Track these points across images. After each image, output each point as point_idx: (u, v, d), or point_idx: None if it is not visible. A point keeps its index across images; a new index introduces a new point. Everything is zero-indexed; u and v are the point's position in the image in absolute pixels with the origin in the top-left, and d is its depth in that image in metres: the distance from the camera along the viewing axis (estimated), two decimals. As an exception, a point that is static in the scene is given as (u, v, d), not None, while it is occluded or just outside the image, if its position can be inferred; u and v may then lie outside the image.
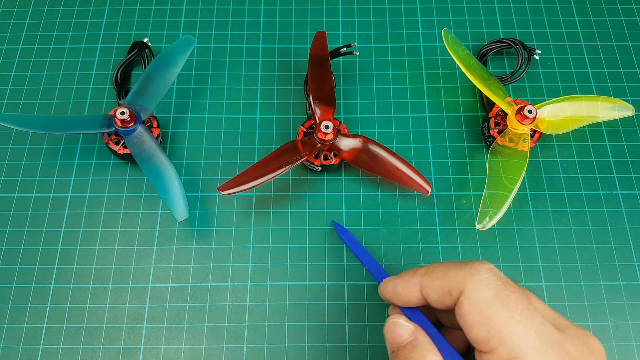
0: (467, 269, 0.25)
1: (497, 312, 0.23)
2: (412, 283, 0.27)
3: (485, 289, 0.24)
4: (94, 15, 0.48)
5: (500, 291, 0.24)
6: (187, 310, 0.38)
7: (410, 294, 0.27)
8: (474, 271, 0.25)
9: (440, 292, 0.26)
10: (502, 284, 0.24)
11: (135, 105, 0.40)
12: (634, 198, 0.41)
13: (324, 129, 0.38)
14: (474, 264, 0.25)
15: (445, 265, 0.26)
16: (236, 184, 0.38)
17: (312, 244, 0.40)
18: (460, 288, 0.25)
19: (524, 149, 0.39)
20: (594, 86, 0.45)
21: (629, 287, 0.38)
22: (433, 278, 0.26)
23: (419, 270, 0.27)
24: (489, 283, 0.24)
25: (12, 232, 0.40)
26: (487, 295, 0.24)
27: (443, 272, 0.26)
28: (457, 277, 0.25)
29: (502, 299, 0.24)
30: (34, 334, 0.37)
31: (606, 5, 0.49)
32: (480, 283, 0.24)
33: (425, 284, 0.26)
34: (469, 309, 0.24)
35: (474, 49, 0.47)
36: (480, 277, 0.25)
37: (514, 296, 0.24)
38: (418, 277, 0.27)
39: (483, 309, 0.24)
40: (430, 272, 0.27)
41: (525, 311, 0.24)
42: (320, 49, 0.42)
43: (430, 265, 0.27)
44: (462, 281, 0.25)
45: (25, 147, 0.43)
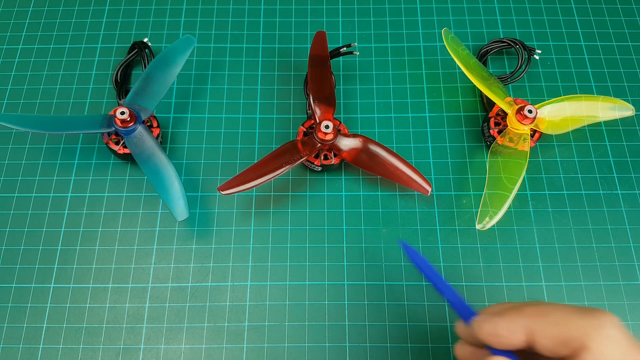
0: (591, 320, 0.22)
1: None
2: (518, 325, 0.24)
3: (614, 348, 0.22)
4: (94, 15, 0.48)
5: (630, 351, 0.22)
6: (187, 310, 0.38)
7: (513, 338, 0.24)
8: (600, 323, 0.22)
9: (554, 341, 0.23)
10: (630, 345, 0.22)
11: (135, 105, 0.40)
12: (634, 198, 0.41)
13: (324, 129, 0.38)
14: (597, 314, 0.23)
15: (562, 311, 0.23)
16: (236, 184, 0.38)
17: (312, 244, 0.40)
18: (582, 341, 0.22)
19: (524, 149, 0.39)
20: (594, 86, 0.45)
21: (629, 287, 0.38)
22: (548, 324, 0.23)
23: (524, 309, 0.24)
24: (618, 341, 0.22)
25: (12, 232, 0.40)
26: (617, 355, 0.22)
27: (561, 318, 0.23)
28: (579, 328, 0.22)
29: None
30: (34, 334, 0.37)
31: (606, 5, 0.49)
32: (608, 340, 0.22)
33: (537, 330, 0.23)
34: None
35: (474, 49, 0.47)
36: (607, 332, 0.22)
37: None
38: (526, 320, 0.24)
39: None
40: (544, 316, 0.23)
41: None
42: (320, 49, 0.42)
43: (541, 306, 0.24)
44: (586, 334, 0.22)
45: (25, 147, 0.43)
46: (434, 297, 0.38)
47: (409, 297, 0.38)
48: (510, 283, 0.38)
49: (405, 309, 0.38)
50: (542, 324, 0.23)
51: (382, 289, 0.38)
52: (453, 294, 0.29)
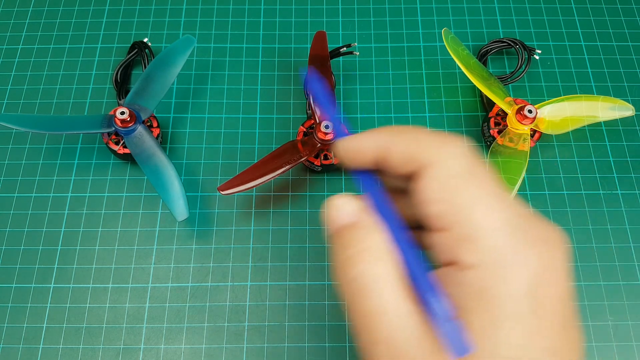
0: (439, 138, 0.22)
1: (464, 189, 0.21)
2: (375, 140, 0.23)
3: (458, 161, 0.21)
4: (94, 15, 0.48)
5: (474, 168, 0.21)
6: (187, 310, 0.38)
7: (369, 152, 0.23)
8: (446, 140, 0.22)
9: (403, 156, 0.22)
10: (473, 159, 0.21)
11: (135, 105, 0.40)
12: (634, 198, 0.41)
13: (324, 129, 0.38)
14: (445, 135, 0.22)
15: (416, 129, 0.23)
16: (236, 184, 0.38)
17: (312, 244, 0.40)
18: (427, 156, 0.21)
19: (524, 149, 0.39)
20: (594, 86, 0.45)
21: (629, 287, 0.38)
22: (399, 140, 0.23)
23: (385, 128, 0.24)
24: (459, 155, 0.21)
25: (12, 232, 0.40)
26: (458, 170, 0.21)
27: (412, 135, 0.23)
28: (427, 144, 0.22)
29: (474, 175, 0.21)
30: (34, 334, 0.37)
31: (606, 5, 0.49)
32: (451, 155, 0.21)
33: (391, 144, 0.23)
34: (433, 180, 0.21)
35: (474, 49, 0.47)
36: (452, 149, 0.21)
37: (483, 174, 0.21)
38: (381, 136, 0.23)
39: (449, 184, 0.21)
40: (398, 134, 0.23)
41: (496, 190, 0.21)
42: (320, 49, 0.42)
43: (400, 126, 0.24)
44: (432, 149, 0.22)
45: (25, 147, 0.43)
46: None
47: (409, 297, 0.38)
48: (510, 283, 0.38)
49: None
50: (396, 139, 0.23)
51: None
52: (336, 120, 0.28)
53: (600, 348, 0.37)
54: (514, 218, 0.20)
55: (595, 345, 0.37)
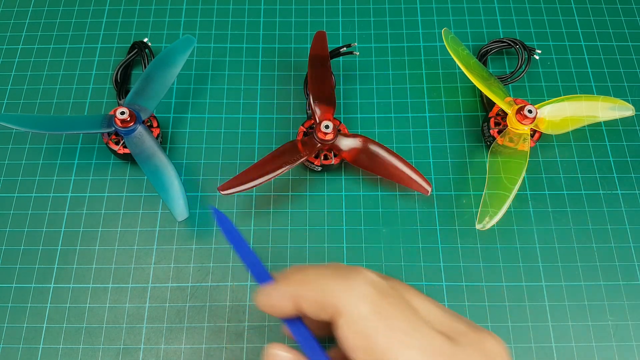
0: (343, 282, 0.22)
1: (377, 332, 0.21)
2: (286, 294, 0.24)
3: (362, 305, 0.21)
4: (94, 15, 0.48)
5: (379, 307, 0.21)
6: (187, 310, 0.38)
7: (285, 307, 0.24)
8: (350, 284, 0.22)
9: (315, 307, 0.23)
10: (380, 297, 0.22)
11: (135, 105, 0.40)
12: (634, 198, 0.41)
13: (324, 129, 0.38)
14: (350, 274, 0.23)
15: (321, 275, 0.24)
16: (236, 184, 0.38)
17: (312, 244, 0.40)
18: (335, 305, 0.22)
19: (524, 149, 0.39)
20: (594, 86, 0.45)
21: (629, 287, 0.38)
22: (307, 290, 0.23)
23: (294, 276, 0.25)
24: (365, 297, 0.22)
25: (12, 232, 0.40)
26: (366, 313, 0.21)
27: (318, 284, 0.23)
28: (332, 292, 0.22)
29: (380, 315, 0.21)
30: (34, 334, 0.37)
31: (606, 5, 0.49)
32: (357, 298, 0.22)
33: (300, 296, 0.24)
34: (347, 330, 0.22)
35: (474, 49, 0.47)
36: (357, 292, 0.22)
37: (393, 309, 0.21)
38: (292, 288, 0.24)
39: (362, 329, 0.21)
40: (306, 283, 0.24)
41: (408, 326, 0.21)
42: (320, 49, 0.42)
43: (309, 270, 0.24)
44: (339, 296, 0.22)
45: (25, 147, 0.43)
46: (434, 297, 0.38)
47: (409, 297, 0.38)
48: (510, 283, 0.38)
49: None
50: (304, 290, 0.24)
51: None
52: (255, 263, 0.28)
53: (600, 348, 0.37)
54: (437, 348, 0.21)
55: (595, 345, 0.37)
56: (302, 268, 0.26)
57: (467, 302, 0.38)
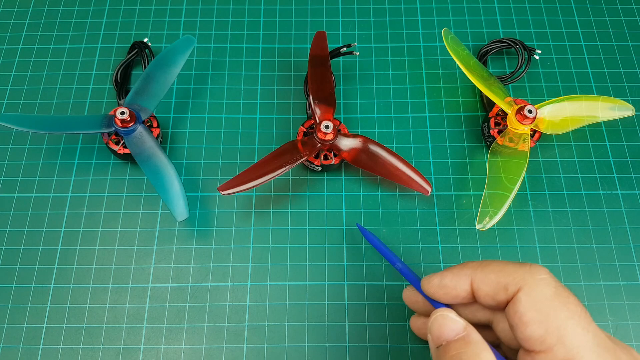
0: (527, 267, 0.25)
1: (557, 311, 0.24)
2: (462, 275, 0.27)
3: (546, 287, 0.24)
4: (94, 15, 0.48)
5: (560, 291, 0.24)
6: (187, 310, 0.38)
7: (459, 287, 0.27)
8: (534, 270, 0.25)
9: (494, 286, 0.25)
10: (560, 285, 0.25)
11: (135, 105, 0.40)
12: (634, 198, 0.41)
13: (324, 129, 0.38)
14: (532, 265, 0.25)
15: (501, 262, 0.26)
16: (236, 184, 0.38)
17: (312, 244, 0.40)
18: (518, 284, 0.25)
19: (524, 149, 0.39)
20: (594, 86, 0.45)
21: (629, 287, 0.38)
22: (488, 271, 0.26)
23: (469, 264, 0.27)
24: (549, 283, 0.25)
25: (12, 232, 0.40)
26: (548, 294, 0.24)
27: (500, 267, 0.26)
28: (515, 273, 0.25)
29: (562, 299, 0.24)
30: (34, 334, 0.37)
31: (606, 5, 0.49)
32: (541, 282, 0.24)
33: (479, 277, 0.26)
34: (527, 305, 0.24)
35: (474, 49, 0.47)
36: (540, 276, 0.25)
37: (573, 298, 0.24)
38: (470, 270, 0.27)
39: (542, 307, 0.24)
40: (485, 266, 0.26)
41: (584, 314, 0.24)
42: (320, 49, 0.42)
43: (483, 261, 0.27)
44: (522, 277, 0.25)
45: (25, 147, 0.43)
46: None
47: (409, 297, 0.38)
48: (510, 283, 0.38)
49: (405, 309, 0.38)
50: (483, 272, 0.26)
51: (382, 289, 0.38)
52: (404, 265, 0.32)
53: (600, 348, 0.37)
54: (604, 339, 0.24)
55: (595, 345, 0.37)
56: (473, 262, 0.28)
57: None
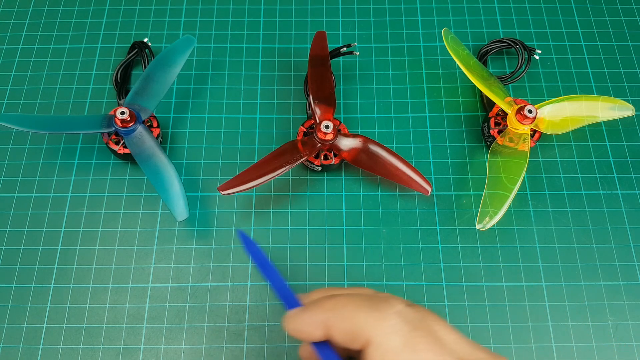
0: (375, 313, 0.24)
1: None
2: (316, 321, 0.25)
3: (393, 337, 0.23)
4: (94, 15, 0.48)
5: (408, 339, 0.23)
6: (187, 310, 0.38)
7: (314, 333, 0.25)
8: (382, 315, 0.23)
9: (346, 336, 0.24)
10: (410, 330, 0.23)
11: (135, 105, 0.40)
12: (634, 198, 0.41)
13: (324, 128, 0.38)
14: (382, 306, 0.24)
15: (354, 305, 0.25)
16: (236, 184, 0.38)
17: (312, 244, 0.40)
18: (367, 336, 0.23)
19: (524, 149, 0.39)
20: (594, 86, 0.45)
21: (629, 287, 0.38)
22: (340, 319, 0.24)
23: (324, 303, 0.25)
24: (397, 331, 0.23)
25: (12, 232, 0.40)
26: (396, 345, 0.23)
27: (352, 312, 0.24)
28: (365, 323, 0.23)
29: (410, 348, 0.23)
30: (34, 334, 0.37)
31: (606, 5, 0.49)
32: (388, 331, 0.23)
33: (331, 324, 0.24)
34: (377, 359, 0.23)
35: (474, 49, 0.47)
36: (388, 323, 0.23)
37: (423, 343, 0.23)
38: (323, 314, 0.25)
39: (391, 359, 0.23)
40: (338, 310, 0.25)
41: (434, 358, 0.23)
42: (320, 48, 0.42)
43: (340, 299, 0.25)
44: (371, 328, 0.23)
45: (25, 147, 0.43)
46: (432, 297, 0.38)
47: (409, 297, 0.38)
48: (510, 283, 0.38)
49: (405, 309, 0.38)
50: (335, 318, 0.24)
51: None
52: (282, 286, 0.29)
53: (600, 348, 0.37)
54: None
55: (595, 345, 0.37)
56: (332, 294, 0.27)
57: (467, 302, 0.38)
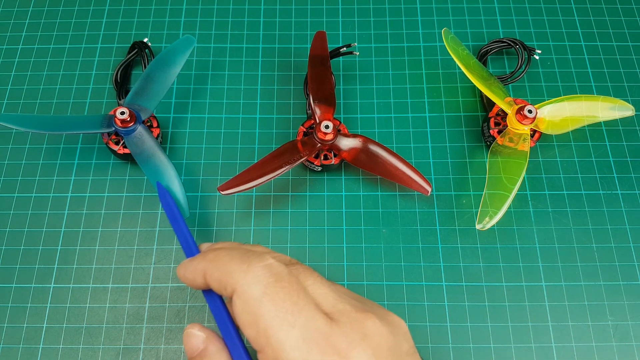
0: (244, 266, 0.24)
1: (264, 311, 0.23)
2: (198, 270, 0.26)
3: (255, 286, 0.24)
4: (94, 15, 0.48)
5: (269, 288, 0.23)
6: (187, 310, 0.38)
7: (197, 280, 0.27)
8: (249, 268, 0.24)
9: (218, 284, 0.25)
10: (273, 280, 0.24)
11: (135, 105, 0.40)
12: (634, 198, 0.41)
13: (324, 128, 0.38)
14: (252, 260, 0.25)
15: (229, 256, 0.26)
16: (236, 184, 0.38)
17: (312, 244, 0.40)
18: (233, 285, 0.24)
19: (524, 149, 0.39)
20: (594, 86, 0.45)
21: (629, 287, 0.38)
22: (215, 269, 0.26)
23: (208, 255, 0.27)
24: (260, 280, 0.24)
25: (12, 232, 0.40)
26: (256, 294, 0.23)
27: (224, 264, 0.25)
28: (233, 274, 0.24)
29: (270, 297, 0.23)
30: (34, 334, 0.37)
31: (606, 5, 0.49)
32: (252, 281, 0.24)
33: (208, 273, 0.26)
34: (240, 308, 0.24)
35: (474, 49, 0.47)
36: (253, 274, 0.24)
37: (283, 292, 0.23)
38: (204, 264, 0.26)
39: (252, 308, 0.23)
40: (215, 261, 0.26)
41: (292, 307, 0.23)
42: (320, 48, 0.42)
43: (220, 251, 0.26)
44: (237, 278, 0.24)
45: (25, 147, 0.43)
46: (432, 297, 0.38)
47: (408, 297, 0.38)
48: (510, 283, 0.38)
49: (405, 309, 0.38)
50: (212, 268, 0.26)
51: (382, 289, 0.38)
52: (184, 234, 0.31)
53: (600, 348, 0.37)
54: (316, 328, 0.23)
55: (595, 346, 0.37)
56: (221, 246, 0.29)
57: (467, 302, 0.38)
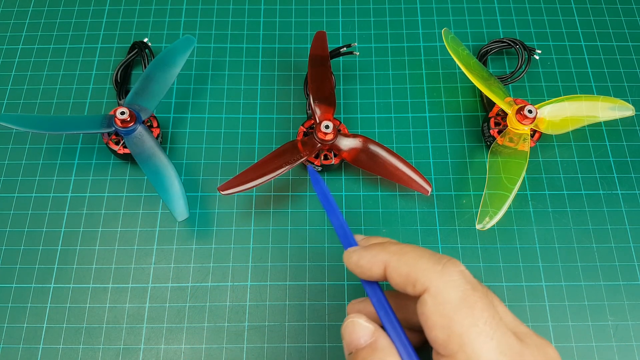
0: (439, 267, 0.24)
1: (461, 317, 0.22)
2: (378, 260, 0.26)
3: (453, 291, 0.23)
4: (94, 15, 0.48)
5: (468, 296, 0.23)
6: (187, 310, 0.38)
7: (373, 270, 0.26)
8: (446, 270, 0.24)
9: (404, 280, 0.24)
10: (470, 288, 0.23)
11: (135, 105, 0.40)
12: (634, 198, 0.41)
13: (324, 129, 0.38)
14: (447, 263, 0.24)
15: (418, 253, 0.25)
16: (236, 184, 0.38)
17: (312, 244, 0.40)
18: (425, 284, 0.23)
19: (524, 149, 0.39)
20: (594, 86, 0.45)
21: (629, 287, 0.38)
22: (402, 263, 0.25)
23: (389, 247, 0.26)
24: (457, 286, 0.23)
25: (12, 232, 0.40)
26: (454, 298, 0.23)
27: (414, 260, 0.24)
28: (426, 272, 0.24)
29: (468, 304, 0.23)
30: (34, 334, 0.37)
31: (606, 5, 0.49)
32: (449, 284, 0.23)
33: (392, 266, 0.25)
34: (432, 308, 0.23)
35: (474, 49, 0.47)
36: (449, 278, 0.23)
37: (481, 303, 0.23)
38: (385, 256, 0.25)
39: (447, 312, 0.23)
40: (402, 255, 0.25)
41: (490, 320, 0.23)
42: (320, 48, 0.42)
43: (404, 246, 0.26)
44: (430, 278, 0.23)
45: (25, 147, 0.43)
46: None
47: (409, 297, 0.38)
48: (510, 283, 0.38)
49: (405, 309, 0.38)
50: (397, 262, 0.25)
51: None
52: (341, 224, 0.29)
53: (600, 348, 0.37)
54: (510, 344, 0.22)
55: (595, 345, 0.37)
56: (375, 240, 0.27)
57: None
